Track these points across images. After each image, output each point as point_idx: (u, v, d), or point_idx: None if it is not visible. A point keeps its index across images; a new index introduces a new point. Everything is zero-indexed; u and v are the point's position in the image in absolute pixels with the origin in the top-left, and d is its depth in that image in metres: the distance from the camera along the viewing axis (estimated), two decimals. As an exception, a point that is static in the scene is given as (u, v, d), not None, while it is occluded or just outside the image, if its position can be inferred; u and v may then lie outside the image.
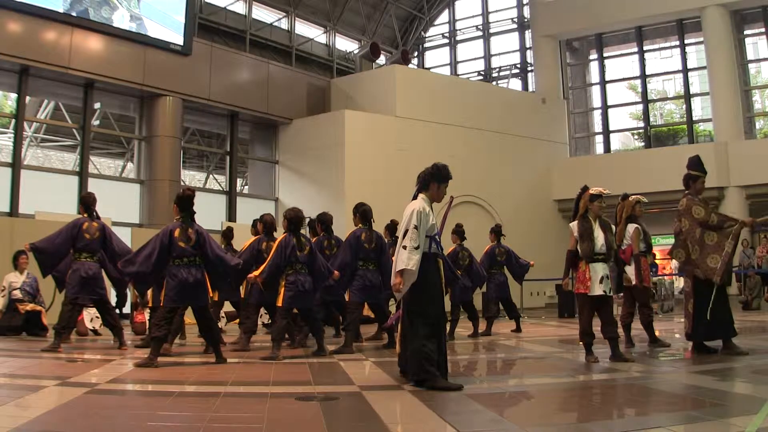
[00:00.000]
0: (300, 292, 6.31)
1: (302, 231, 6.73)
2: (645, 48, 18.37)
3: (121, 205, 12.91)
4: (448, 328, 7.81)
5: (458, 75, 20.84)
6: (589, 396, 4.55)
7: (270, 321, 8.24)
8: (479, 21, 21.08)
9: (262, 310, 8.15)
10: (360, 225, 7.30)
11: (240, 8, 17.00)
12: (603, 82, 19.00)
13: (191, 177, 19.49)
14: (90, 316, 8.97)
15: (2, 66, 11.88)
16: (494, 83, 20.08)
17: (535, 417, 3.87)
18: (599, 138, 19.07)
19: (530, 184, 17.20)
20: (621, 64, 19.07)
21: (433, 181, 4.88)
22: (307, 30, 18.85)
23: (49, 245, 6.93)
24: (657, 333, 7.05)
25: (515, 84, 20.27)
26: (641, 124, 18.77)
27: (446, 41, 21.83)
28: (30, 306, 8.59)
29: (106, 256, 7.16)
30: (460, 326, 8.90)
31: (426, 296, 4.70)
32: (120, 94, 13.88)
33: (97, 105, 14.01)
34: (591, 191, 6.01)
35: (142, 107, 13.89)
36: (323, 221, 8.12)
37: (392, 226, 8.47)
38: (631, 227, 7.02)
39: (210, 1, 16.30)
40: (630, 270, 6.83)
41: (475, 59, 21.19)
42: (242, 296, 7.67)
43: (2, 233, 10.00)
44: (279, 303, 6.34)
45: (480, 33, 21.10)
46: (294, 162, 15.79)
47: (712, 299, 5.98)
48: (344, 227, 9.53)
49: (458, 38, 21.63)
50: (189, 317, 7.06)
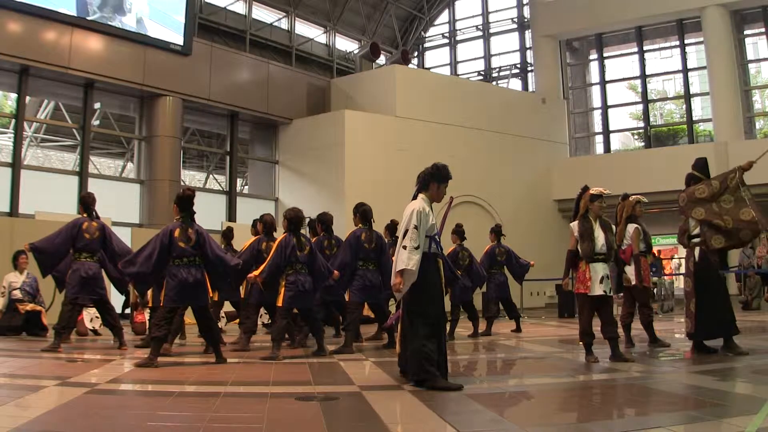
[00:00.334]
0: (300, 292, 6.31)
1: (302, 231, 6.74)
2: (645, 48, 18.37)
3: (121, 205, 12.90)
4: (448, 328, 7.82)
5: (458, 75, 20.84)
6: (589, 396, 4.55)
7: (270, 321, 8.24)
8: (479, 21, 21.08)
9: (262, 310, 8.15)
10: (360, 225, 7.30)
11: (240, 8, 17.00)
12: (603, 82, 18.99)
13: (191, 177, 19.49)
14: (90, 316, 8.97)
15: (2, 66, 11.87)
16: (494, 83, 20.07)
17: (535, 417, 3.87)
18: (599, 138, 19.07)
19: (530, 184, 17.20)
20: (621, 64, 19.07)
21: (433, 181, 4.88)
22: (307, 30, 18.84)
23: (49, 245, 6.93)
24: (657, 333, 7.05)
25: (515, 84, 20.28)
26: (641, 124, 18.77)
27: (446, 41, 21.83)
28: (30, 306, 8.59)
29: (106, 256, 7.16)
30: (460, 326, 8.90)
31: (426, 296, 4.70)
32: (120, 94, 13.87)
33: (97, 105, 14.00)
34: (591, 191, 6.01)
35: (142, 107, 13.88)
36: (323, 221, 8.12)
37: (392, 226, 8.47)
38: (631, 227, 7.02)
39: (210, 1, 16.30)
40: (630, 270, 6.84)
41: (475, 59, 21.19)
42: (242, 296, 7.67)
43: (2, 233, 9.99)
44: (279, 303, 6.34)
45: (480, 33, 21.10)
46: (294, 162, 15.79)
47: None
48: (344, 227, 9.53)
49: (458, 38, 21.62)
50: (189, 317, 7.06)
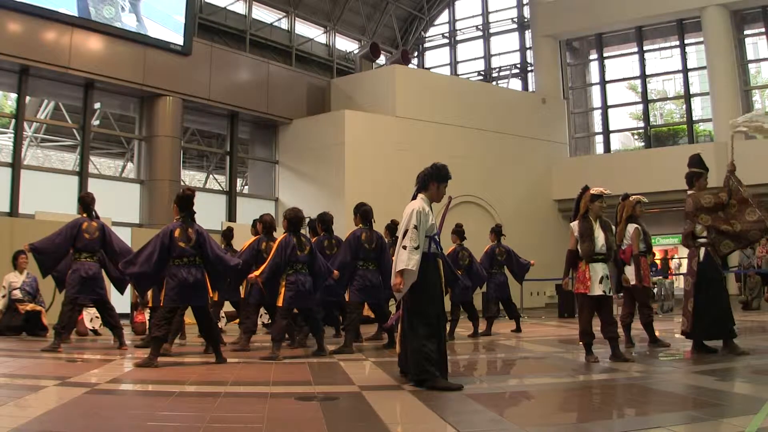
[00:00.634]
0: (300, 292, 6.31)
1: (302, 231, 6.73)
2: (645, 48, 18.37)
3: (121, 205, 12.90)
4: (448, 328, 7.81)
5: (458, 75, 20.84)
6: (589, 396, 4.55)
7: (270, 321, 8.23)
8: (479, 21, 21.08)
9: (262, 310, 8.15)
10: (360, 225, 7.30)
11: (240, 8, 17.00)
12: (603, 82, 18.99)
13: (191, 177, 19.50)
14: (90, 316, 8.97)
15: (2, 66, 11.88)
16: (494, 83, 20.08)
17: (535, 417, 3.87)
18: (599, 138, 19.07)
19: (530, 184, 17.20)
20: (621, 64, 19.07)
21: (433, 181, 4.88)
22: (307, 30, 18.85)
23: (49, 245, 6.92)
24: (657, 333, 7.05)
25: (515, 84, 20.28)
26: (641, 124, 18.77)
27: (446, 41, 21.83)
28: (30, 306, 8.58)
29: (107, 256, 7.16)
30: (460, 326, 8.89)
31: (426, 296, 4.69)
32: (120, 94, 13.88)
33: (97, 105, 14.00)
34: (592, 191, 6.01)
35: (142, 107, 13.88)
36: (323, 221, 8.11)
37: (392, 226, 8.46)
38: (631, 227, 7.02)
39: (210, 1, 16.30)
40: (630, 270, 6.84)
41: (475, 59, 21.20)
42: (242, 296, 7.67)
43: (2, 233, 9.99)
44: (279, 303, 6.33)
45: (480, 33, 21.10)
46: (294, 162, 15.78)
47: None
48: (344, 227, 9.53)
49: (458, 38, 21.63)
50: (189, 317, 7.05)
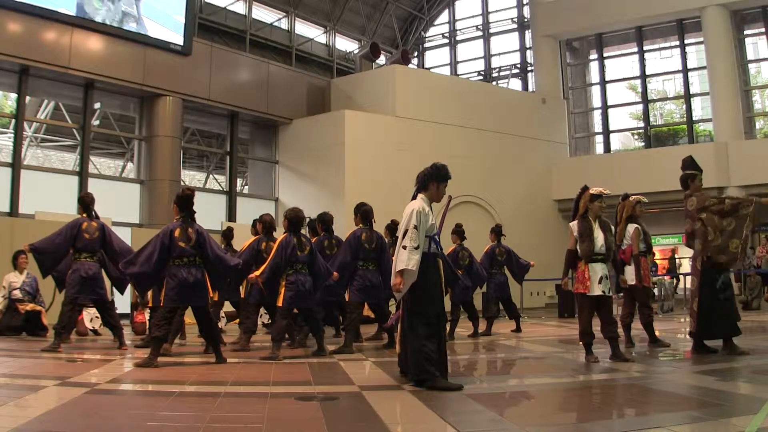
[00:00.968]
0: (300, 292, 6.31)
1: (302, 231, 6.73)
2: (645, 48, 18.37)
3: (121, 205, 12.90)
4: (448, 328, 7.81)
5: (458, 75, 20.84)
6: (589, 396, 4.55)
7: (270, 321, 8.24)
8: (479, 21, 21.08)
9: (262, 310, 8.15)
10: (361, 225, 7.30)
11: (240, 8, 17.00)
12: (603, 82, 18.99)
13: (191, 177, 19.50)
14: (90, 316, 8.97)
15: (2, 66, 11.88)
16: (494, 83, 20.08)
17: (535, 417, 3.87)
18: (599, 138, 19.07)
19: (530, 184, 17.20)
20: (621, 64, 19.07)
21: (433, 181, 4.87)
22: (307, 30, 18.85)
23: (49, 245, 6.92)
24: (657, 333, 7.05)
25: (515, 84, 20.28)
26: (641, 124, 18.77)
27: (446, 41, 21.83)
28: (30, 306, 8.58)
29: (107, 256, 7.16)
30: (460, 326, 8.89)
31: (426, 296, 4.69)
32: (120, 94, 13.88)
33: (97, 105, 14.00)
34: (591, 191, 6.00)
35: (142, 107, 13.88)
36: (324, 221, 8.11)
37: (392, 226, 8.46)
38: (631, 227, 7.02)
39: (210, 1, 16.30)
40: (630, 270, 6.84)
41: (475, 59, 21.20)
42: (242, 296, 7.67)
43: (2, 233, 9.99)
44: (279, 303, 6.33)
45: (480, 33, 21.10)
46: (294, 162, 15.79)
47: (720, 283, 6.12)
48: (344, 227, 9.53)
49: (458, 38, 21.63)
50: (189, 317, 7.05)
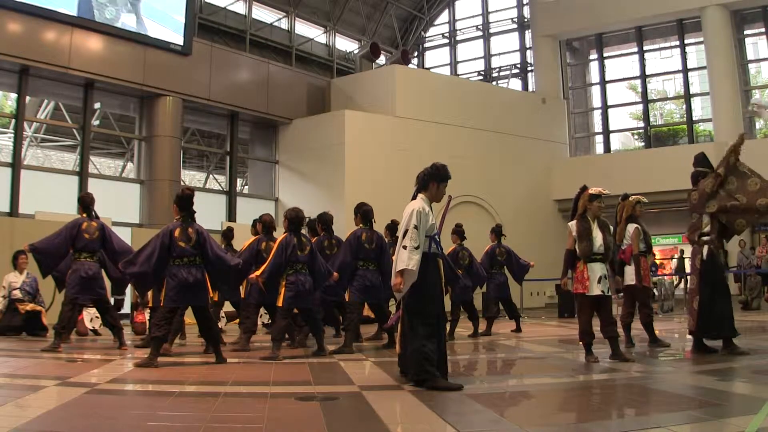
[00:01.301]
0: (300, 292, 6.31)
1: (302, 231, 6.73)
2: (645, 48, 18.37)
3: (121, 205, 12.91)
4: (448, 328, 7.81)
5: (458, 75, 20.84)
6: (589, 396, 4.55)
7: (270, 321, 8.24)
8: (479, 21, 21.08)
9: (262, 310, 8.15)
10: (361, 225, 7.30)
11: (240, 8, 16.99)
12: (603, 82, 18.99)
13: (191, 177, 19.49)
14: (90, 316, 8.97)
15: (2, 66, 11.87)
16: (494, 83, 20.07)
17: (535, 417, 3.87)
18: (599, 138, 19.07)
19: (530, 184, 17.20)
20: (621, 64, 19.07)
21: (433, 181, 4.88)
22: (307, 30, 18.84)
23: (49, 245, 6.92)
24: (657, 333, 7.05)
25: (515, 84, 20.27)
26: (641, 124, 18.77)
27: (446, 41, 21.83)
28: (30, 306, 8.58)
29: (107, 256, 7.16)
30: (460, 326, 8.90)
31: (426, 296, 4.69)
32: (120, 94, 13.87)
33: (97, 105, 14.00)
34: (590, 191, 6.00)
35: (142, 107, 13.88)
36: (324, 221, 8.11)
37: (393, 226, 8.46)
38: (631, 227, 7.02)
39: (210, 1, 16.29)
40: (630, 270, 6.84)
41: (475, 59, 21.19)
42: (242, 296, 7.67)
43: (2, 233, 9.99)
44: (279, 303, 6.33)
45: (480, 33, 21.10)
46: (294, 162, 15.78)
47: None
48: (344, 227, 9.53)
49: (458, 38, 21.62)
50: (189, 317, 7.06)
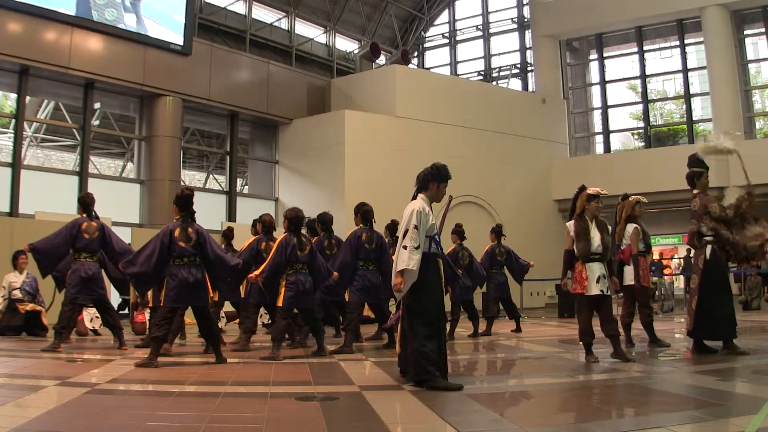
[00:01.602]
0: (300, 292, 6.31)
1: (302, 231, 6.74)
2: (645, 48, 18.37)
3: (121, 205, 12.91)
4: (448, 328, 7.81)
5: (458, 75, 20.84)
6: (589, 396, 4.55)
7: (270, 321, 8.24)
8: (479, 21, 21.08)
9: (262, 310, 8.15)
10: (361, 225, 7.30)
11: (240, 8, 17.00)
12: (603, 82, 18.99)
13: (191, 177, 19.50)
14: (90, 316, 8.96)
15: (2, 66, 11.88)
16: (494, 83, 20.08)
17: (535, 417, 3.87)
18: (599, 138, 19.07)
19: (530, 184, 17.20)
20: (621, 64, 19.08)
21: (433, 181, 4.87)
22: (307, 30, 18.85)
23: (48, 246, 6.91)
24: (657, 333, 7.05)
25: (515, 84, 20.28)
26: (641, 124, 18.77)
27: (446, 41, 21.83)
28: (30, 306, 8.58)
29: (107, 256, 7.16)
30: (460, 326, 8.89)
31: (426, 296, 4.69)
32: (120, 94, 13.88)
33: (97, 105, 14.01)
34: (588, 191, 5.99)
35: (142, 107, 13.88)
36: (323, 221, 8.12)
37: (393, 226, 8.47)
38: (631, 227, 7.02)
39: (210, 1, 16.30)
40: (629, 270, 6.84)
41: (475, 59, 21.20)
42: (242, 296, 7.67)
43: (2, 233, 9.98)
44: (279, 303, 6.33)
45: (480, 33, 21.10)
46: (294, 162, 15.79)
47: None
48: (344, 227, 9.53)
49: (458, 38, 21.62)
50: (189, 317, 7.06)
